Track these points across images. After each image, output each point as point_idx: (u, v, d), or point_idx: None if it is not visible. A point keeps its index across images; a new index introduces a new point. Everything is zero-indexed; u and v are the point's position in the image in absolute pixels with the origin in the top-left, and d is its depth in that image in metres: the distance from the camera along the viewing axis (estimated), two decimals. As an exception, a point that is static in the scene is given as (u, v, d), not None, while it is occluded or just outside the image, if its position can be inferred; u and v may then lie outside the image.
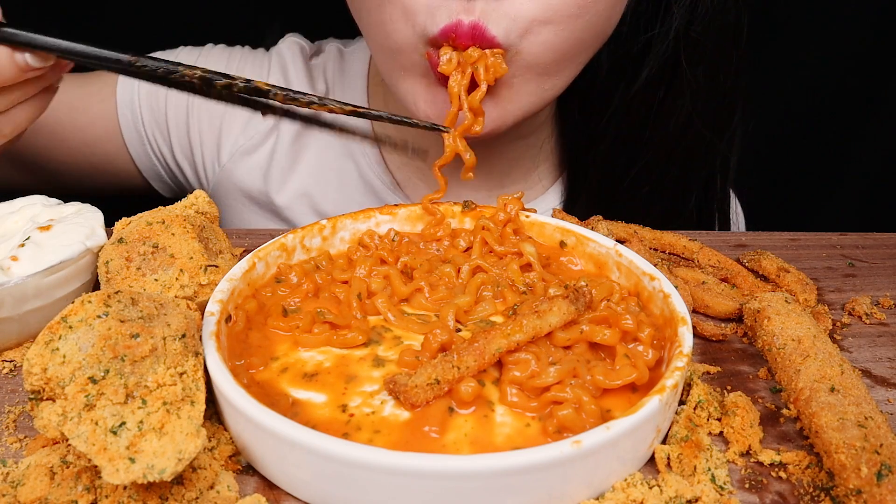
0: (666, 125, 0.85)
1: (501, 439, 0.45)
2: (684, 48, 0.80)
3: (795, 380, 0.53)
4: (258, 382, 0.50)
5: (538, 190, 0.94)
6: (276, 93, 0.59)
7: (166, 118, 0.96)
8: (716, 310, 0.65)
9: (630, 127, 0.86)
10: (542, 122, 0.90)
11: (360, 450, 0.40)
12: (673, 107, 0.84)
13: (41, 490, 0.42)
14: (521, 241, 0.65)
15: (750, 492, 0.46)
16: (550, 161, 0.95)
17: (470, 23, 0.63)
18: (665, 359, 0.52)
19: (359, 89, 0.94)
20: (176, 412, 0.42)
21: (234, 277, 0.56)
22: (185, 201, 0.64)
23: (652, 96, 0.83)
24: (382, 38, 0.70)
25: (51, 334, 0.43)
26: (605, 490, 0.45)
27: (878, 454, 0.44)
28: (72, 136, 0.93)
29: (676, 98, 0.83)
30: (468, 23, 0.63)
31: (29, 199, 0.65)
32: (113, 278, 0.55)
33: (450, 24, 0.63)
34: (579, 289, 0.53)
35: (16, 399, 0.52)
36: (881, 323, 0.65)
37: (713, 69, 0.83)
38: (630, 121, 0.85)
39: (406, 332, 0.56)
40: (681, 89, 0.82)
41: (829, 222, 0.97)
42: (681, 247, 0.75)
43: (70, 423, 0.41)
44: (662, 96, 0.83)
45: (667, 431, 0.49)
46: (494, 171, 0.90)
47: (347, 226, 0.67)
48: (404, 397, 0.46)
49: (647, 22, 0.80)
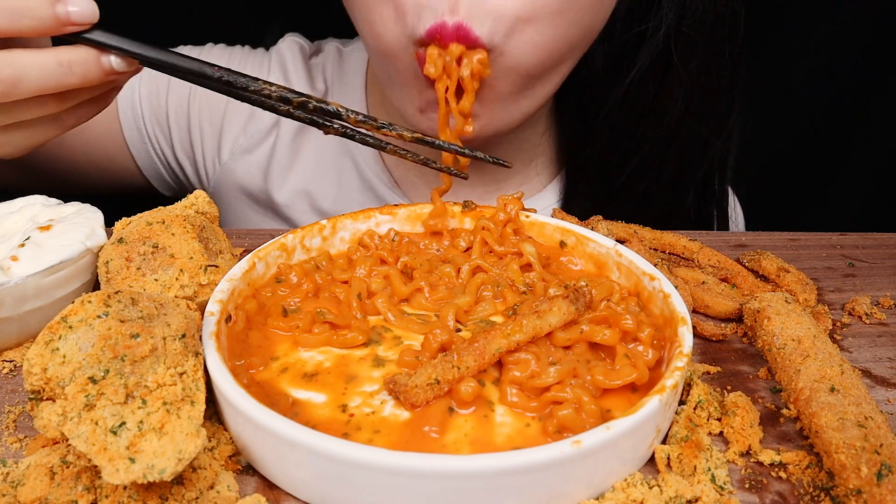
0: (660, 122, 0.84)
1: (501, 439, 0.45)
2: (676, 44, 0.80)
3: (795, 380, 0.53)
4: (258, 382, 0.50)
5: (536, 185, 0.94)
6: (348, 115, 0.60)
7: (167, 116, 0.96)
8: (716, 310, 0.65)
9: (625, 123, 0.85)
10: (537, 117, 0.89)
11: (360, 450, 0.40)
12: (666, 103, 0.83)
13: (41, 490, 0.42)
14: (521, 241, 0.65)
15: (750, 492, 0.46)
16: (547, 156, 0.95)
17: (454, 23, 0.64)
18: (665, 359, 0.52)
19: (357, 89, 0.95)
20: (176, 412, 0.42)
21: (234, 277, 0.56)
22: (185, 201, 0.64)
23: (645, 92, 0.83)
24: (374, 39, 0.71)
25: (51, 334, 0.43)
26: (605, 490, 0.45)
27: (878, 454, 0.44)
28: (73, 136, 0.93)
29: (669, 94, 0.83)
30: (452, 24, 0.64)
31: (29, 199, 0.65)
32: (113, 278, 0.55)
33: (435, 24, 0.64)
34: (579, 289, 0.53)
35: (16, 399, 0.52)
36: (881, 323, 0.65)
37: (707, 65, 0.82)
38: (625, 117, 0.85)
39: (406, 332, 0.56)
40: (674, 85, 0.82)
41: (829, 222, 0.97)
42: (681, 247, 0.75)
43: (70, 423, 0.41)
44: (655, 92, 0.83)
45: (667, 431, 0.49)
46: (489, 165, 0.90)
47: (347, 226, 0.67)
48: (404, 397, 0.46)
49: (640, 17, 0.80)
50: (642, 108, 0.84)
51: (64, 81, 0.55)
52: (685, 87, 0.82)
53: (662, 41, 0.79)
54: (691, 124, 0.84)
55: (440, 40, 0.64)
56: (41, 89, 0.55)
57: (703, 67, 0.82)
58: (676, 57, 0.80)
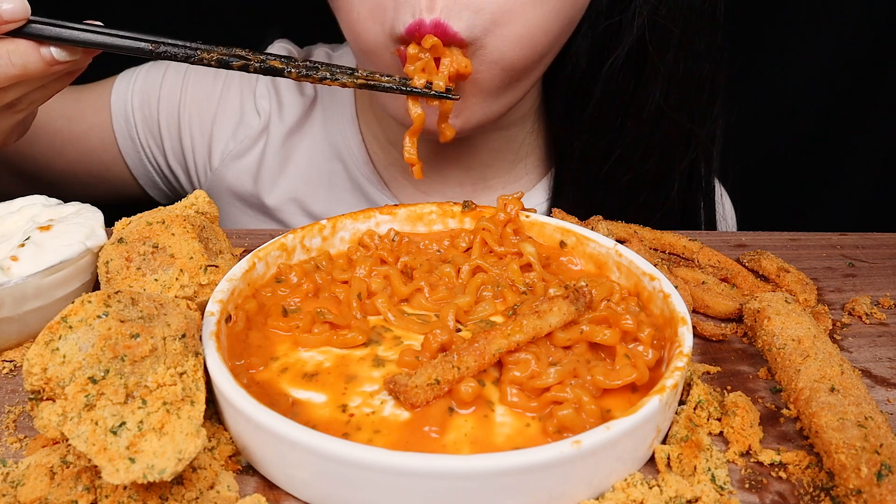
0: (639, 114, 0.84)
1: (501, 439, 0.45)
2: (650, 34, 0.79)
3: (795, 380, 0.53)
4: (258, 382, 0.50)
5: (525, 184, 0.94)
6: (290, 71, 0.61)
7: (159, 126, 0.97)
8: (716, 310, 0.65)
9: (607, 116, 0.85)
10: (523, 114, 0.89)
11: (360, 450, 0.40)
12: (645, 94, 0.83)
13: (41, 490, 0.42)
14: (521, 241, 0.65)
15: (750, 492, 0.46)
16: (537, 155, 0.94)
17: (432, 21, 0.64)
18: (665, 359, 0.52)
19: (346, 93, 0.96)
20: (176, 412, 0.42)
21: (234, 277, 0.56)
22: (185, 201, 0.64)
23: (625, 84, 0.82)
24: (355, 38, 0.72)
25: (51, 334, 0.43)
26: (605, 490, 0.45)
27: (878, 454, 0.44)
28: (69, 147, 0.95)
29: (647, 85, 0.82)
30: (430, 21, 0.64)
31: (29, 199, 0.65)
32: (113, 278, 0.55)
33: (413, 22, 0.65)
34: (579, 289, 0.53)
35: (16, 399, 0.52)
36: (881, 323, 0.65)
37: (684, 57, 0.81)
38: (607, 110, 0.85)
39: (406, 332, 0.56)
40: (651, 77, 0.81)
41: (829, 222, 0.97)
42: (681, 247, 0.75)
43: (70, 423, 0.41)
44: (634, 84, 0.82)
45: (667, 431, 0.49)
46: (474, 162, 0.90)
47: (347, 226, 0.67)
48: (404, 397, 0.46)
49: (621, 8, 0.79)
50: (622, 99, 0.84)
51: (5, 73, 0.56)
52: (662, 79, 0.81)
53: (637, 31, 0.79)
54: (671, 116, 0.84)
55: (419, 38, 0.65)
56: None
57: (681, 59, 0.81)
58: (651, 48, 0.79)
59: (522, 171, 0.94)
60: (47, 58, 0.57)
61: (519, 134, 0.91)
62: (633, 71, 0.82)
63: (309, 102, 0.96)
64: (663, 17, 0.79)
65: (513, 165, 0.93)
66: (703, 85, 0.85)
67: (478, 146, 0.89)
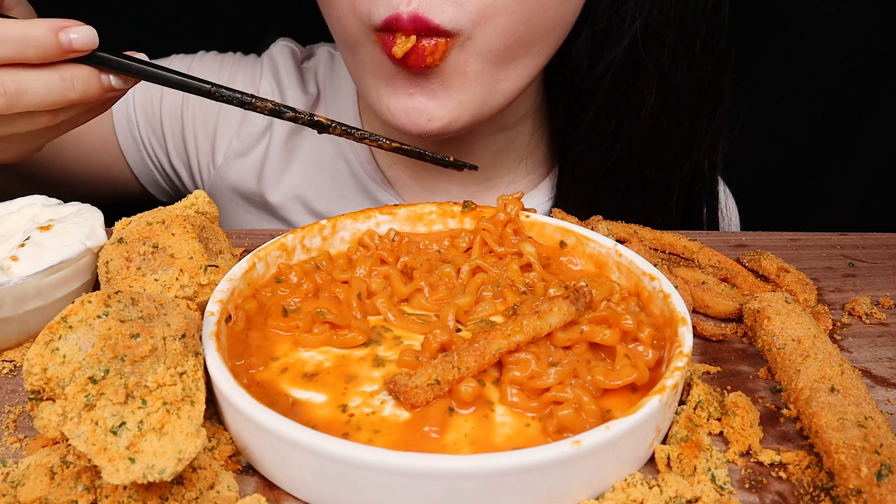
0: (635, 118, 0.83)
1: (501, 439, 0.45)
2: (643, 37, 0.78)
3: (795, 380, 0.53)
4: (258, 382, 0.50)
5: (528, 184, 0.94)
6: (335, 127, 0.64)
7: (161, 124, 0.97)
8: (716, 310, 0.65)
9: (603, 120, 0.84)
10: (523, 114, 0.89)
11: (360, 450, 0.40)
12: (640, 99, 0.82)
13: (41, 490, 0.42)
14: (521, 242, 0.65)
15: (750, 492, 0.46)
16: (538, 156, 0.94)
17: (409, 14, 0.64)
18: (665, 359, 0.52)
19: (349, 91, 0.95)
20: (176, 412, 0.42)
21: (234, 277, 0.56)
22: (185, 201, 0.64)
23: (623, 88, 0.82)
24: (339, 33, 0.72)
25: (51, 334, 0.43)
26: (605, 490, 0.45)
27: (878, 454, 0.44)
28: (70, 146, 0.95)
29: (642, 90, 0.81)
30: (407, 15, 0.64)
31: (29, 199, 0.65)
32: (113, 278, 0.55)
33: (390, 15, 0.65)
34: (579, 289, 0.53)
35: (16, 399, 0.52)
36: (881, 323, 0.65)
37: (681, 61, 0.81)
38: (603, 114, 0.84)
39: (406, 332, 0.56)
40: (646, 81, 0.81)
41: (829, 222, 0.97)
42: (681, 247, 0.75)
43: (70, 423, 0.41)
44: (631, 88, 0.82)
45: (667, 431, 0.49)
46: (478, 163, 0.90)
47: (347, 226, 0.67)
48: (404, 397, 0.46)
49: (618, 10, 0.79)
50: (620, 103, 0.83)
51: (66, 96, 0.59)
52: (658, 83, 0.81)
53: (630, 35, 0.78)
54: (668, 121, 0.83)
55: (397, 30, 0.65)
56: (43, 103, 0.58)
57: (677, 62, 0.81)
58: (645, 52, 0.79)
59: (525, 171, 0.94)
60: (106, 85, 0.60)
61: (521, 134, 0.91)
62: (629, 75, 0.81)
63: (312, 100, 0.96)
64: (657, 21, 0.78)
65: (516, 165, 0.93)
66: (705, 89, 0.84)
67: (480, 147, 0.89)
